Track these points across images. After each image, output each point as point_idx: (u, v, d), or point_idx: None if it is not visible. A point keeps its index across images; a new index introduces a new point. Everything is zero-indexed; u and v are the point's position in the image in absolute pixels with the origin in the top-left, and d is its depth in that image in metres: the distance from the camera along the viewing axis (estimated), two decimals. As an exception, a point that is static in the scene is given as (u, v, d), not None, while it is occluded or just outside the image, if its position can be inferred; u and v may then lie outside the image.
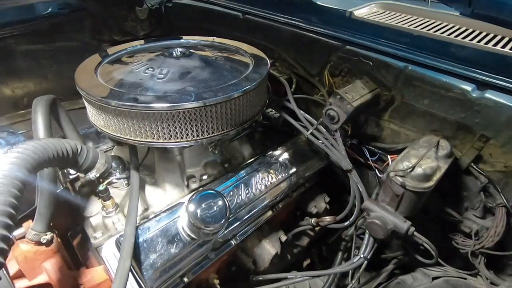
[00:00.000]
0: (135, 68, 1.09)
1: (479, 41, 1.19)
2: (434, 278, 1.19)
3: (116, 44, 1.31)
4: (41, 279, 0.85)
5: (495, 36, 1.23)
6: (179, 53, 1.16)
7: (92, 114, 1.02)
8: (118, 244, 0.88)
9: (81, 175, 1.03)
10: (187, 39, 1.38)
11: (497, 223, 1.10)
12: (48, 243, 0.84)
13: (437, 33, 1.25)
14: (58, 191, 0.94)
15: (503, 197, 1.10)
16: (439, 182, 1.03)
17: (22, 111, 1.74)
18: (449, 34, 1.24)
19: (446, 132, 1.18)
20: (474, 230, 1.17)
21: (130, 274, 0.79)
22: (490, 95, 1.05)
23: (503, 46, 1.15)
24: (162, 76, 1.04)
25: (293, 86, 1.46)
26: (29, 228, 0.84)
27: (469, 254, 1.16)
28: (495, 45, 1.16)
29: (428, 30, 1.28)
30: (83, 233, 1.02)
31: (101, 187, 0.94)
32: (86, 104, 1.04)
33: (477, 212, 1.19)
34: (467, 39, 1.20)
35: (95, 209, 1.01)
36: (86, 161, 0.86)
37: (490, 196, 1.15)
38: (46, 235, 0.84)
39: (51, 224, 0.86)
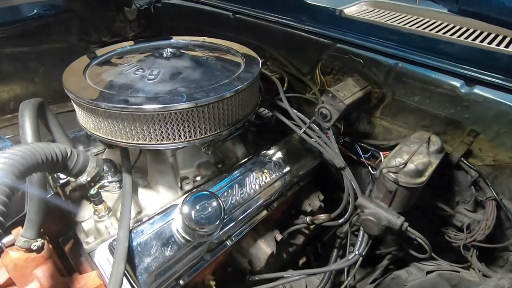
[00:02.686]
0: (125, 70, 1.07)
1: (466, 38, 1.21)
2: (428, 272, 1.20)
3: (105, 46, 1.29)
4: (33, 287, 0.83)
5: (482, 33, 1.25)
6: (169, 53, 1.15)
7: (82, 117, 1.00)
8: (112, 249, 0.87)
9: (72, 179, 1.01)
10: (178, 39, 1.37)
11: (487, 216, 1.12)
12: (39, 249, 0.82)
13: (426, 30, 1.27)
14: (48, 196, 0.92)
15: (492, 190, 1.12)
16: (431, 178, 1.05)
17: (9, 116, 1.71)
18: (438, 31, 1.26)
19: (437, 127, 1.19)
20: (466, 223, 1.19)
21: (125, 278, 0.78)
22: (478, 90, 1.06)
23: (490, 42, 1.17)
24: (152, 77, 1.02)
25: (285, 85, 1.46)
26: (18, 235, 0.82)
27: (461, 248, 1.18)
28: (482, 41, 1.19)
29: (417, 27, 1.30)
30: (75, 238, 1.00)
31: (92, 191, 0.92)
32: (75, 107, 1.02)
33: (468, 206, 1.21)
34: (455, 36, 1.22)
35: (87, 214, 0.99)
36: (76, 165, 0.85)
37: (481, 190, 1.17)
38: (37, 241, 0.82)
39: (42, 230, 0.84)
